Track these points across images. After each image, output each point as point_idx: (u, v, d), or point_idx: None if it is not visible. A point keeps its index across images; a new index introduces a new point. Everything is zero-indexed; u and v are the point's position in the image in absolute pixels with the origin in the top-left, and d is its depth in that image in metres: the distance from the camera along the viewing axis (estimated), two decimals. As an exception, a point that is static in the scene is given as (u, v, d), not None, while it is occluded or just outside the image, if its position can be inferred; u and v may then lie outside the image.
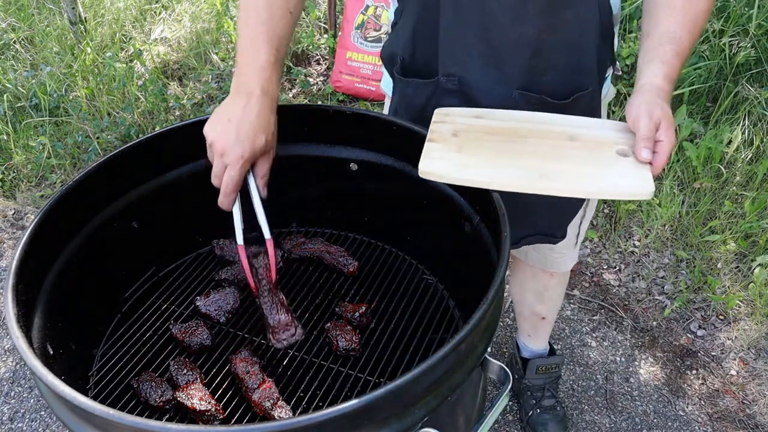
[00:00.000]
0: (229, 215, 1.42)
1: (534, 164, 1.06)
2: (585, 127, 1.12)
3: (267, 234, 1.16)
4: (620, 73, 1.51)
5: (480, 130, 1.14)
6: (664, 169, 2.65)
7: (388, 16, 1.60)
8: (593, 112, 1.27)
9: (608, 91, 1.43)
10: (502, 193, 1.06)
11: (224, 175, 1.09)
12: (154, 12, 3.96)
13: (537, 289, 1.79)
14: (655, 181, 1.01)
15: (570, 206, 1.42)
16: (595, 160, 1.05)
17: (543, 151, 1.08)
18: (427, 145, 1.12)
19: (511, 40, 1.17)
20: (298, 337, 1.18)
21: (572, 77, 1.21)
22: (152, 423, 0.76)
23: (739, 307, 2.31)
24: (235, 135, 1.07)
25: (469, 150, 1.10)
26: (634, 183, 1.00)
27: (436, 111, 1.20)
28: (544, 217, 1.43)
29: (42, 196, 2.90)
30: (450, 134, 1.14)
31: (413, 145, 1.14)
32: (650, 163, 1.02)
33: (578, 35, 1.18)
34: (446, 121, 1.18)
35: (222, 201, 1.12)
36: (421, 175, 1.07)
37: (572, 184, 1.02)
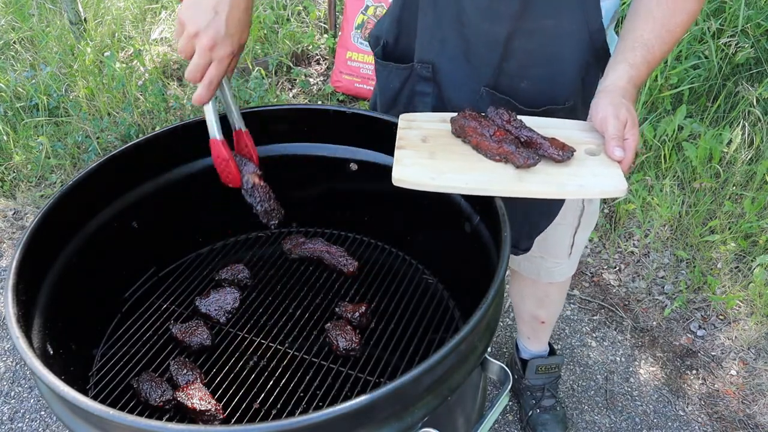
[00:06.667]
0: (228, 211, 1.43)
1: (508, 167, 1.05)
2: (552, 128, 1.12)
3: (243, 126, 1.19)
4: None
5: (449, 135, 1.13)
6: (663, 169, 2.65)
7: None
8: None
9: None
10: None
11: (211, 69, 1.04)
12: (154, 12, 3.96)
13: (537, 295, 1.77)
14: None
15: (542, 218, 1.40)
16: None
17: None
18: (397, 152, 1.10)
19: (482, 37, 1.17)
20: (281, 217, 1.23)
21: (547, 88, 1.20)
22: (152, 423, 0.76)
23: (739, 307, 2.31)
24: (225, 29, 1.02)
25: (441, 155, 1.09)
26: (609, 181, 1.01)
27: (402, 116, 1.19)
28: (513, 226, 1.41)
29: (42, 196, 2.90)
30: (419, 140, 1.13)
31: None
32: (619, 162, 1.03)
33: (559, 47, 1.16)
34: (413, 126, 1.16)
35: (202, 95, 1.07)
36: (395, 183, 1.05)
37: (550, 186, 1.01)
